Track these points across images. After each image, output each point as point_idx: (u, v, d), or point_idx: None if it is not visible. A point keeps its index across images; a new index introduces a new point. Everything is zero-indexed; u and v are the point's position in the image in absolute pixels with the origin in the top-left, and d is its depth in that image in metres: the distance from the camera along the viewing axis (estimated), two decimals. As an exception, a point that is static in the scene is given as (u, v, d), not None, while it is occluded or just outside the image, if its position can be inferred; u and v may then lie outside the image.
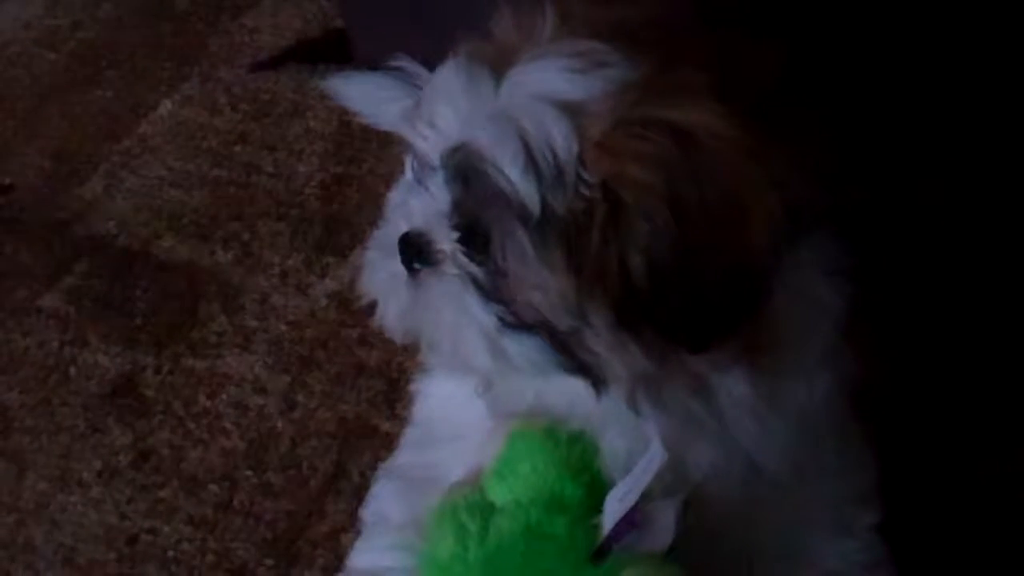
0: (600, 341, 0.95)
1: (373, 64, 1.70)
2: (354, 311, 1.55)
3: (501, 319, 0.96)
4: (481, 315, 0.97)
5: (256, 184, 1.78)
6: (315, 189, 1.76)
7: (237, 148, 1.84)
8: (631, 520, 0.99)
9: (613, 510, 1.00)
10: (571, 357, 0.96)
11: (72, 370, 1.56)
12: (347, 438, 1.44)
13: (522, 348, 0.97)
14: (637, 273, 0.90)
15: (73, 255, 1.72)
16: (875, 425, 1.13)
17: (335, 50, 1.92)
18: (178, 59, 2.01)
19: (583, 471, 1.04)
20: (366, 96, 1.74)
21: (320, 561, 1.33)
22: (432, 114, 0.97)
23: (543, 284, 0.93)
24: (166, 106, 1.93)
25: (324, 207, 1.73)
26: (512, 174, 0.91)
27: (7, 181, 1.85)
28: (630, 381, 0.98)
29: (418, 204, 1.00)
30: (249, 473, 1.42)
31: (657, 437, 0.99)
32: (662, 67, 0.94)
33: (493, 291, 0.96)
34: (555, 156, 0.90)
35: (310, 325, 1.57)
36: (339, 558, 1.29)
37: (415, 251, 1.00)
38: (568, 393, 1.02)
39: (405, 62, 1.21)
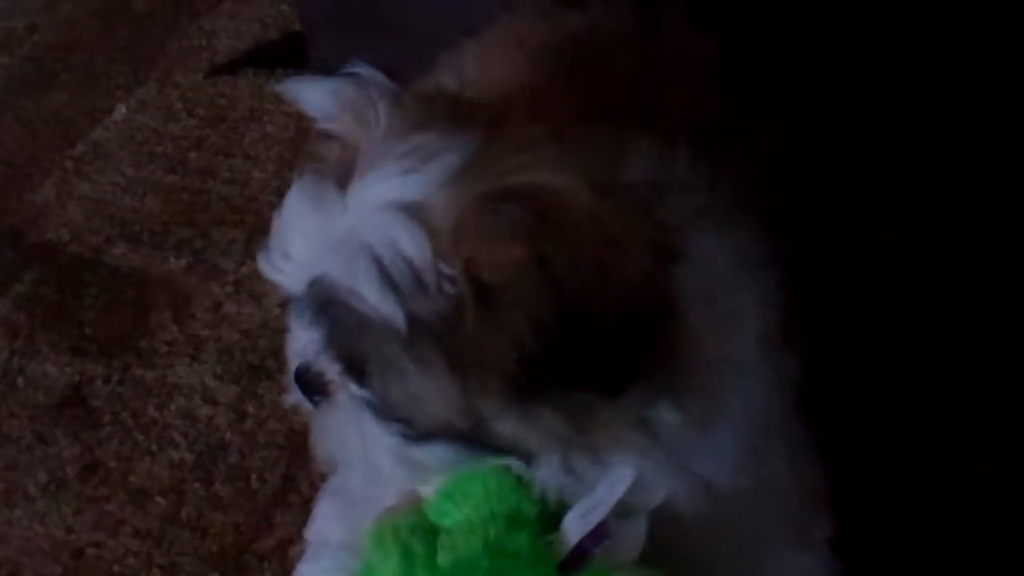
0: (508, 426, 0.93)
1: (331, 69, 1.68)
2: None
3: (404, 435, 0.95)
4: (383, 436, 0.95)
5: (211, 191, 1.76)
6: (271, 196, 1.74)
7: (192, 154, 1.83)
8: (599, 534, 0.99)
9: (576, 527, 1.00)
10: (485, 448, 0.96)
11: (20, 380, 1.55)
12: (296, 449, 1.42)
13: (433, 454, 0.96)
14: (527, 342, 0.87)
15: (23, 262, 1.70)
16: (823, 432, 1.12)
17: (293, 54, 1.91)
18: (135, 63, 2.00)
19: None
20: (323, 100, 1.72)
21: (267, 574, 1.32)
22: (286, 245, 0.95)
23: (429, 395, 0.91)
24: (121, 111, 1.92)
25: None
26: (371, 297, 0.88)
27: (-42, 187, 1.83)
28: (555, 449, 0.97)
29: (301, 336, 0.99)
30: (197, 485, 1.41)
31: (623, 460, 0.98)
32: (494, 132, 0.92)
33: (388, 410, 0.95)
34: (409, 264, 0.87)
35: (263, 335, 1.56)
36: (286, 571, 1.28)
37: (308, 384, 0.99)
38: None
39: (363, 67, 1.20)
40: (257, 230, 1.69)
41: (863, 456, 1.31)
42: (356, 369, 0.94)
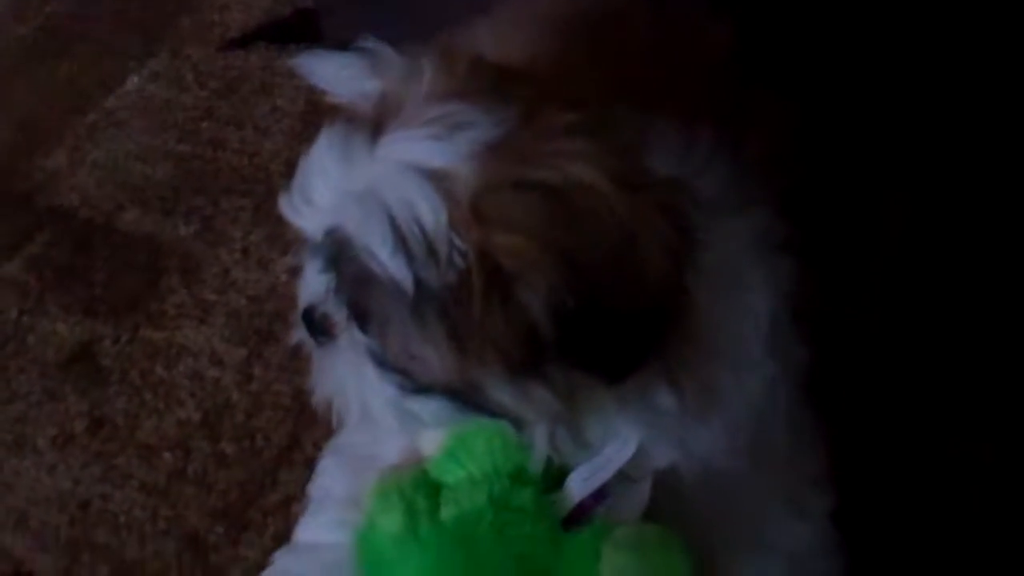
0: (500, 395, 0.95)
1: (342, 44, 1.71)
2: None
3: (401, 386, 0.96)
4: (381, 384, 0.97)
5: (221, 160, 1.79)
6: (280, 166, 1.76)
7: (203, 124, 1.85)
8: (601, 493, 1.01)
9: (579, 486, 1.02)
10: (479, 409, 0.97)
11: (30, 338, 1.57)
12: (302, 411, 1.44)
13: (428, 408, 0.97)
14: (537, 327, 0.89)
15: (35, 225, 1.72)
16: (825, 409, 1.14)
17: (304, 30, 1.93)
18: (147, 35, 2.02)
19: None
20: (334, 75, 1.74)
21: (271, 530, 1.34)
22: (308, 189, 0.96)
23: (427, 359, 0.93)
24: (133, 81, 1.94)
25: (288, 184, 1.72)
26: (382, 256, 0.89)
27: (-29, 151, 1.85)
28: (545, 424, 0.99)
29: (312, 276, 0.99)
30: (203, 443, 1.43)
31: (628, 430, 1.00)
32: (530, 114, 0.92)
33: (388, 361, 0.96)
34: (423, 230, 0.88)
35: (269, 300, 1.58)
36: (289, 527, 1.29)
37: (315, 324, 1.00)
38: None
39: (374, 42, 1.21)
40: (266, 199, 1.71)
41: (866, 433, 1.33)
42: (361, 318, 0.96)
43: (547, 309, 0.88)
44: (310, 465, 1.30)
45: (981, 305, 1.46)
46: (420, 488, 1.05)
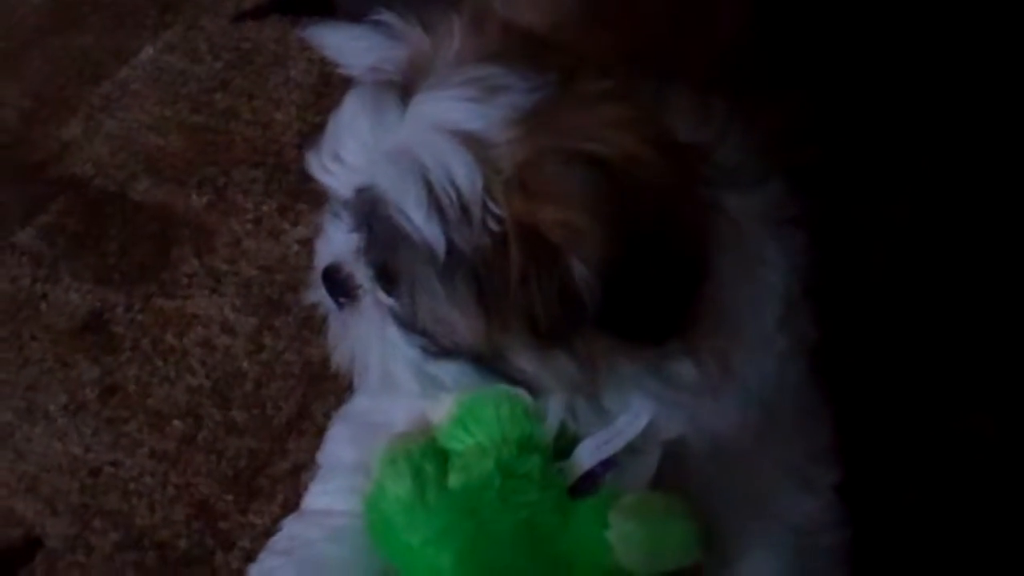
0: (523, 362, 0.95)
1: (355, 16, 1.71)
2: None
3: (424, 349, 0.96)
4: (404, 346, 0.97)
5: (234, 131, 1.79)
6: (292, 138, 1.76)
7: (217, 96, 1.85)
8: (609, 461, 1.01)
9: (589, 455, 1.02)
10: (500, 375, 0.97)
11: (43, 305, 1.58)
12: (312, 380, 1.45)
13: (449, 372, 0.98)
14: (585, 296, 0.89)
15: (49, 194, 1.73)
16: (831, 384, 1.15)
17: (318, 2, 1.93)
18: (162, 6, 2.02)
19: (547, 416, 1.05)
20: (347, 47, 1.75)
21: (280, 497, 1.35)
22: (338, 147, 0.96)
23: (453, 322, 0.93)
24: (148, 52, 1.94)
25: (300, 156, 1.73)
26: (416, 217, 0.89)
27: (-14, 120, 1.86)
28: (564, 392, 0.99)
29: (336, 235, 1.00)
30: (214, 411, 1.44)
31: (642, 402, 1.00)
32: (566, 79, 0.92)
33: (413, 323, 0.96)
34: (458, 193, 0.88)
35: (281, 270, 1.59)
36: (299, 495, 1.30)
37: (336, 285, 1.00)
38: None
39: (387, 15, 1.21)
40: (277, 170, 1.72)
41: (871, 408, 1.33)
42: (388, 279, 0.95)
43: (596, 278, 0.88)
44: (319, 434, 1.30)
45: (985, 281, 1.46)
46: (428, 455, 1.05)
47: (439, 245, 0.89)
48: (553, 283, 0.89)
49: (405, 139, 0.90)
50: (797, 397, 1.10)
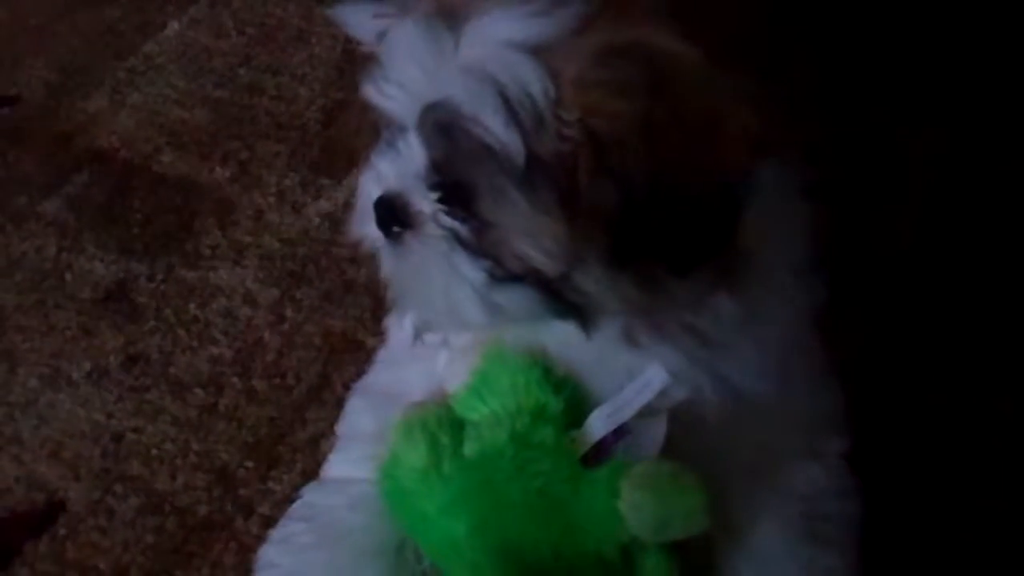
0: (591, 280, 0.95)
1: (379, -6, 1.72)
2: (346, 231, 1.57)
3: (490, 273, 0.97)
4: (470, 272, 0.97)
5: (257, 106, 1.81)
6: (315, 113, 1.78)
7: (241, 71, 1.87)
8: (621, 431, 1.03)
9: (600, 424, 1.03)
10: (562, 301, 0.97)
11: (68, 275, 1.60)
12: (332, 351, 1.47)
13: (513, 299, 0.97)
14: (616, 200, 0.91)
15: (75, 166, 1.75)
16: (840, 354, 1.16)
17: (343, -20, 1.94)
18: (188, -19, 2.04)
19: (562, 386, 1.06)
20: (370, 26, 1.76)
21: (299, 466, 1.36)
22: (397, 73, 0.96)
23: (536, 232, 0.93)
24: (173, 27, 1.96)
25: (323, 131, 1.75)
26: (495, 127, 0.90)
27: (14, 92, 1.88)
28: (625, 316, 0.99)
29: (390, 166, 0.99)
30: (235, 380, 1.46)
31: (658, 362, 1.01)
32: (612, 7, 0.94)
33: (478, 247, 0.96)
34: (533, 102, 0.90)
35: (302, 243, 1.60)
36: (318, 463, 1.31)
37: (391, 214, 0.99)
38: (557, 338, 1.04)
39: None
40: (300, 145, 1.74)
41: (888, 379, 1.34)
42: (460, 198, 0.95)
43: (631, 178, 0.89)
44: (339, 404, 1.32)
45: (1004, 260, 1.47)
46: (444, 424, 1.07)
47: (519, 154, 0.90)
48: (610, 180, 0.90)
49: (472, 55, 0.92)
50: (809, 359, 1.11)
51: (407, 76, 0.96)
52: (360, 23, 1.79)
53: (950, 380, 1.37)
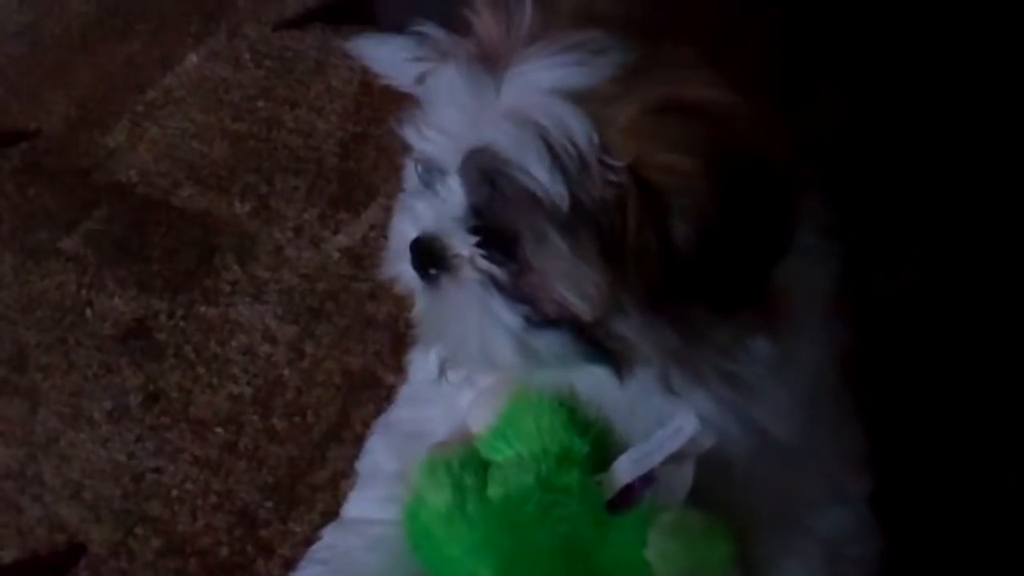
0: (629, 326, 0.95)
1: (397, 27, 1.72)
2: (365, 266, 1.58)
3: (527, 318, 0.96)
4: (507, 316, 0.97)
5: (276, 139, 1.80)
6: (333, 146, 1.78)
7: (259, 103, 1.87)
8: (648, 477, 1.02)
9: (627, 469, 1.03)
10: (599, 347, 0.97)
11: (88, 312, 1.60)
12: (352, 388, 1.47)
13: (549, 344, 0.97)
14: (684, 245, 0.90)
15: (94, 201, 1.75)
16: (864, 393, 1.15)
17: (360, 12, 1.94)
18: (206, 14, 2.03)
19: (587, 429, 1.06)
20: (388, 58, 1.76)
21: (320, 505, 1.36)
22: (439, 117, 0.97)
23: (576, 278, 0.93)
24: (192, 60, 1.95)
25: (341, 164, 1.75)
26: (539, 174, 0.90)
27: (33, 126, 1.88)
28: (661, 362, 0.99)
29: (428, 208, 1.00)
30: (255, 418, 1.45)
31: (689, 408, 1.01)
32: (652, 48, 0.95)
33: (516, 291, 0.96)
34: (576, 148, 0.90)
35: (321, 278, 1.60)
36: (338, 503, 1.32)
37: (428, 256, 1.00)
38: (588, 382, 1.04)
39: (427, 26, 1.22)
40: (319, 178, 1.73)
41: (906, 417, 1.34)
42: (501, 244, 0.95)
43: (692, 229, 0.90)
44: (359, 442, 1.32)
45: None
46: (468, 466, 1.07)
47: (563, 200, 0.90)
48: (660, 231, 0.90)
49: (514, 102, 0.92)
50: (834, 400, 1.11)
51: (449, 120, 0.96)
52: (377, 55, 1.80)
53: (968, 418, 1.36)
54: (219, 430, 1.45)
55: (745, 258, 0.93)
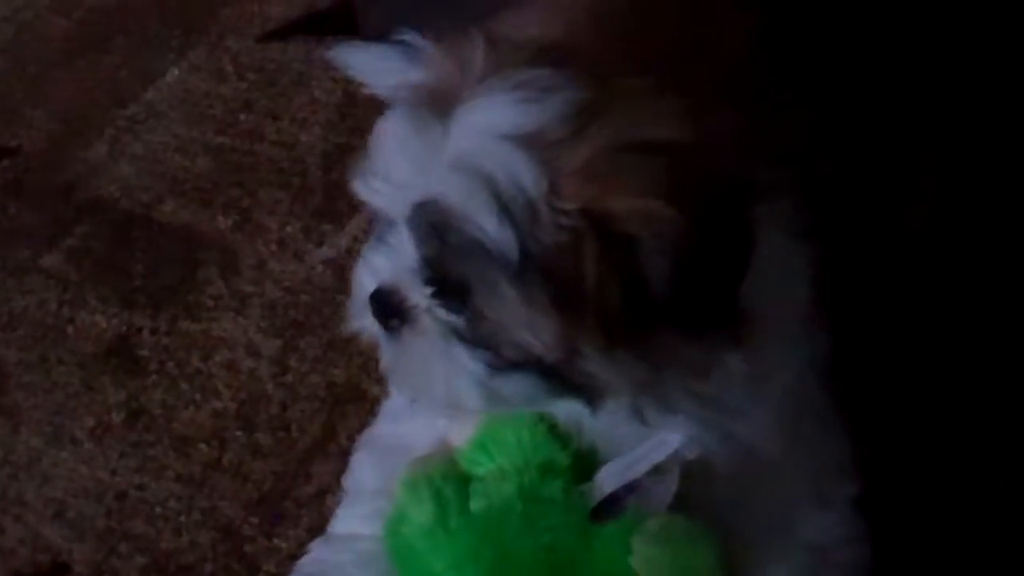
0: (594, 363, 0.94)
1: (380, 36, 1.71)
2: (349, 278, 1.56)
3: (488, 363, 0.96)
4: (469, 363, 0.96)
5: (259, 152, 1.79)
6: (316, 158, 1.77)
7: (242, 116, 1.86)
8: (632, 486, 1.01)
9: (611, 480, 1.02)
10: (565, 384, 0.96)
11: (69, 329, 1.58)
12: (336, 402, 1.46)
13: (515, 386, 0.97)
14: (658, 284, 0.89)
15: (75, 217, 1.73)
16: (847, 397, 1.14)
17: (343, 22, 1.94)
18: (187, 27, 2.03)
19: (569, 441, 1.05)
20: (371, 68, 1.75)
21: (305, 521, 1.35)
22: (386, 168, 0.95)
23: (532, 324, 0.92)
24: (173, 73, 1.95)
25: (324, 176, 1.74)
26: (486, 224, 0.89)
27: (14, 143, 1.87)
28: (631, 393, 0.98)
29: (383, 260, 0.99)
30: (239, 434, 1.44)
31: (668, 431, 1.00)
32: (604, 84, 0.93)
33: (476, 338, 0.95)
34: (525, 194, 0.88)
35: (305, 291, 1.59)
36: (324, 518, 1.31)
37: (388, 308, 0.99)
38: (565, 411, 1.03)
39: (411, 35, 1.21)
40: (302, 191, 1.72)
41: (894, 421, 1.33)
42: (454, 294, 0.94)
43: (670, 264, 0.88)
44: (344, 456, 1.31)
45: (1009, 295, 1.46)
46: (449, 480, 1.06)
47: (512, 249, 0.89)
48: (625, 274, 0.89)
49: (461, 148, 0.90)
50: (816, 408, 1.10)
51: (396, 171, 0.94)
52: (360, 66, 1.79)
53: (955, 420, 1.35)
54: (203, 446, 1.43)
55: (715, 283, 0.92)
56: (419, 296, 0.96)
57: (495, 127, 0.90)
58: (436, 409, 1.06)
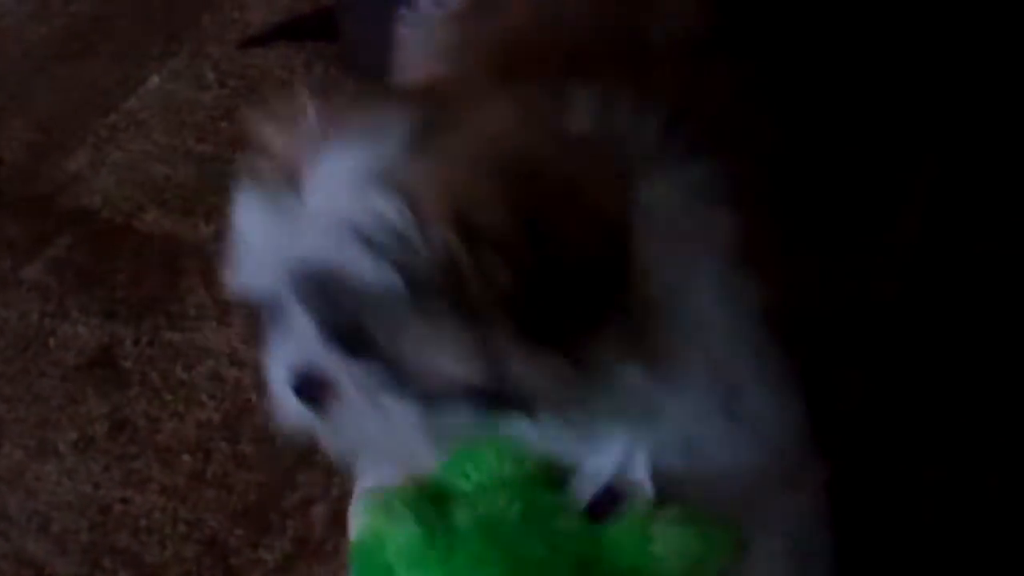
0: (521, 370, 0.93)
1: (360, 43, 1.71)
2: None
3: (422, 400, 0.94)
4: (403, 412, 0.94)
5: (240, 160, 1.78)
6: (299, 166, 1.76)
7: (223, 124, 1.85)
8: (615, 496, 1.01)
9: (585, 487, 1.01)
10: (501, 401, 0.95)
11: (51, 341, 1.58)
12: (322, 412, 1.45)
13: (454, 416, 0.95)
14: (509, 291, 0.88)
15: (56, 227, 1.73)
16: (799, 360, 1.12)
17: (324, 28, 1.93)
18: (168, 34, 2.02)
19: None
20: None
21: (290, 532, 1.34)
22: (252, 248, 0.93)
23: (445, 350, 0.91)
24: (154, 81, 1.94)
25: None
26: (362, 269, 0.87)
27: (-6, 153, 1.86)
28: (566, 398, 0.96)
29: (286, 344, 0.97)
30: (223, 444, 1.43)
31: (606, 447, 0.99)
32: (443, 105, 0.93)
33: (402, 383, 0.94)
34: (392, 228, 0.87)
35: (288, 299, 1.58)
36: (309, 529, 1.31)
37: (310, 389, 0.97)
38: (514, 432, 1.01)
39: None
40: (285, 199, 1.71)
41: (888, 415, 1.33)
42: (362, 348, 0.93)
43: (518, 274, 0.87)
44: (329, 466, 1.30)
45: (1003, 292, 1.46)
46: (423, 500, 1.04)
47: (398, 284, 0.87)
48: (495, 280, 0.87)
49: (320, 204, 0.88)
50: (757, 379, 1.05)
51: (263, 248, 0.92)
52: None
53: (933, 403, 1.36)
54: (187, 457, 1.42)
55: (580, 285, 0.90)
56: (332, 364, 0.94)
57: (346, 175, 0.88)
58: (391, 467, 1.05)
